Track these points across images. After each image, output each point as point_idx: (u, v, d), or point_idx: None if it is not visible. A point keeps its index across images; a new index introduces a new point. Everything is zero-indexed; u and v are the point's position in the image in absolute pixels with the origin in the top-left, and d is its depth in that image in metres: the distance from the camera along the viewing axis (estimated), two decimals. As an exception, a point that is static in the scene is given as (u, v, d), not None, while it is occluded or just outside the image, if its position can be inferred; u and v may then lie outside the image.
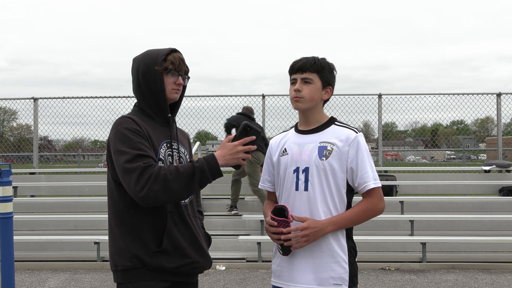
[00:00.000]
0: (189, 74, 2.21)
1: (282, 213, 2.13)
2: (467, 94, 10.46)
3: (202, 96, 10.89)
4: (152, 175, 1.88)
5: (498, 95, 10.06)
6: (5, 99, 11.13)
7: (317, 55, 2.30)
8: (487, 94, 10.32)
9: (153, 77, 2.09)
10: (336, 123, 2.29)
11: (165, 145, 2.11)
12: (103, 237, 6.48)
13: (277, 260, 2.31)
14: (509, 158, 12.70)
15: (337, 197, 2.19)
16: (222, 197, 9.07)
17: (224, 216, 8.06)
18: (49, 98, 10.71)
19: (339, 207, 2.20)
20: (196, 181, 1.93)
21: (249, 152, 2.01)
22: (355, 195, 2.29)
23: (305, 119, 2.31)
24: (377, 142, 10.71)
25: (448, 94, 10.57)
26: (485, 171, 9.31)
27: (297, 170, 2.23)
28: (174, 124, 2.22)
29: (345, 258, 2.18)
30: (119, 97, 10.50)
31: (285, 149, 2.32)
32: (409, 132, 15.25)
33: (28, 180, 9.76)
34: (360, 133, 2.23)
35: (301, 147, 2.26)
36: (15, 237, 4.24)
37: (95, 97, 10.67)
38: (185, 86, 2.21)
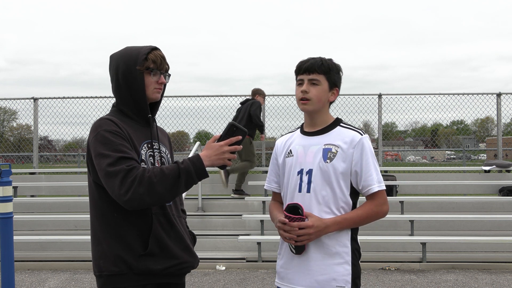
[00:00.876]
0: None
1: (295, 211, 2.10)
2: (467, 94, 10.48)
3: (202, 96, 10.90)
4: (137, 177, 1.84)
5: (498, 95, 10.06)
6: (5, 99, 11.14)
7: (317, 55, 2.29)
8: (487, 94, 10.32)
9: (134, 76, 2.03)
10: (341, 124, 2.28)
11: (146, 145, 2.06)
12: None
13: (280, 261, 2.30)
14: (508, 158, 12.69)
15: (341, 200, 2.18)
16: (222, 197, 9.07)
17: (224, 216, 8.06)
18: (49, 98, 10.71)
19: (343, 209, 2.18)
20: (182, 182, 1.89)
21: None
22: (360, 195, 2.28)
23: (311, 120, 2.29)
24: (377, 142, 10.71)
25: (448, 94, 10.58)
26: (485, 171, 9.31)
27: (301, 172, 2.22)
28: (154, 124, 2.17)
29: (349, 260, 2.16)
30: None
31: (290, 150, 2.30)
32: (409, 132, 15.26)
33: (28, 180, 9.75)
34: (365, 135, 2.21)
35: (305, 149, 2.24)
36: (15, 237, 4.24)
37: (95, 97, 10.68)
38: (165, 84, 2.16)
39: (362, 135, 2.21)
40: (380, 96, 10.24)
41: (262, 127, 8.84)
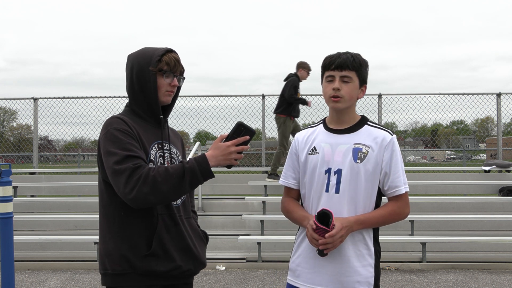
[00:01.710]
0: (186, 74, 2.16)
1: (326, 218, 2.04)
2: (467, 94, 10.46)
3: (202, 96, 10.91)
4: (141, 176, 1.84)
5: (498, 95, 10.05)
6: (5, 99, 11.13)
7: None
8: (487, 94, 10.31)
9: (146, 77, 2.03)
10: (368, 123, 2.22)
11: (156, 146, 2.06)
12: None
13: (297, 259, 2.24)
14: (506, 157, 12.67)
15: (368, 200, 2.14)
16: (222, 197, 9.07)
17: (224, 216, 8.06)
18: (49, 98, 10.70)
19: (368, 210, 2.15)
20: (186, 182, 1.88)
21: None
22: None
23: (338, 117, 2.21)
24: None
25: (448, 94, 10.57)
26: (485, 171, 9.31)
27: (328, 171, 2.14)
28: (166, 125, 2.16)
29: (372, 263, 2.14)
30: (119, 97, 10.50)
31: (314, 147, 2.21)
32: (409, 132, 15.24)
33: (28, 180, 9.74)
34: (394, 136, 2.18)
35: (333, 148, 2.17)
36: (15, 237, 4.24)
37: (95, 97, 10.68)
38: (180, 87, 2.16)
39: (392, 135, 2.17)
40: (380, 96, 10.23)
41: (302, 100, 8.44)
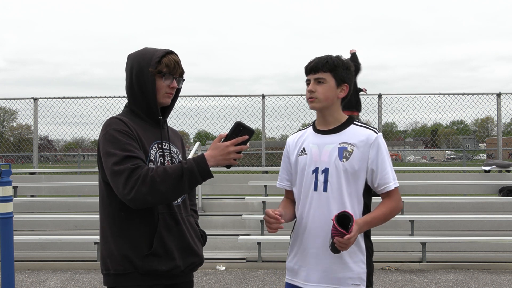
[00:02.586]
0: (186, 74, 2.16)
1: (346, 220, 2.04)
2: (467, 94, 10.48)
3: (202, 96, 10.92)
4: (140, 177, 1.84)
5: (498, 95, 10.06)
6: (5, 99, 11.14)
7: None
8: (487, 94, 10.32)
9: (145, 78, 2.03)
10: (355, 122, 2.29)
11: (156, 146, 2.06)
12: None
13: (293, 258, 2.31)
14: (505, 157, 12.67)
15: (355, 198, 2.20)
16: (222, 197, 9.07)
17: (224, 216, 8.06)
18: (49, 98, 10.71)
19: (357, 208, 2.21)
20: (185, 182, 1.88)
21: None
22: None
23: (323, 118, 2.31)
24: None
25: (448, 94, 10.58)
26: (485, 171, 9.31)
27: (316, 171, 2.23)
28: (165, 125, 2.17)
29: (364, 259, 2.20)
30: (119, 97, 10.51)
31: (303, 148, 2.31)
32: (409, 132, 15.24)
33: (28, 180, 9.75)
34: (379, 134, 2.24)
35: (320, 148, 2.25)
36: (15, 237, 4.24)
37: (95, 97, 10.68)
38: (179, 89, 2.15)
39: (377, 133, 2.23)
40: (380, 96, 10.25)
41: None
